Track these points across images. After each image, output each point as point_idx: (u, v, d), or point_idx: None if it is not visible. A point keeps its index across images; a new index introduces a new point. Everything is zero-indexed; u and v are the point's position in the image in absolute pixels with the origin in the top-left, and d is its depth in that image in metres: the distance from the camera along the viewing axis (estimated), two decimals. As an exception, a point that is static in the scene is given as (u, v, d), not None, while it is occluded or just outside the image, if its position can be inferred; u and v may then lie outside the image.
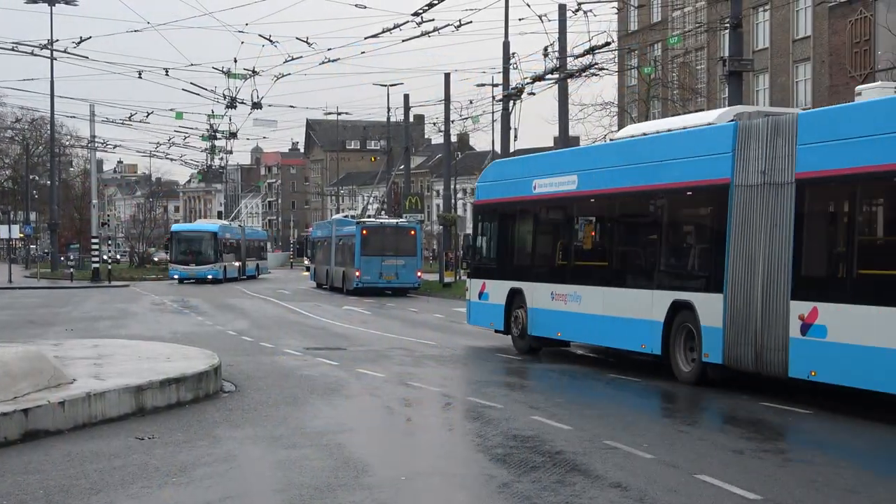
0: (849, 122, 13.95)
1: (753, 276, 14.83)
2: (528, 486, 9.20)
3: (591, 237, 19.87)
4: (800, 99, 50.87)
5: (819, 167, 14.00)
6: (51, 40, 39.47)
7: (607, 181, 18.66)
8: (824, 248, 14.32)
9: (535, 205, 21.07)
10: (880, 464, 10.48)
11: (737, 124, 15.65)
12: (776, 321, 14.32)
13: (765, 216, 14.74)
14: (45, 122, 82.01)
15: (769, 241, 14.62)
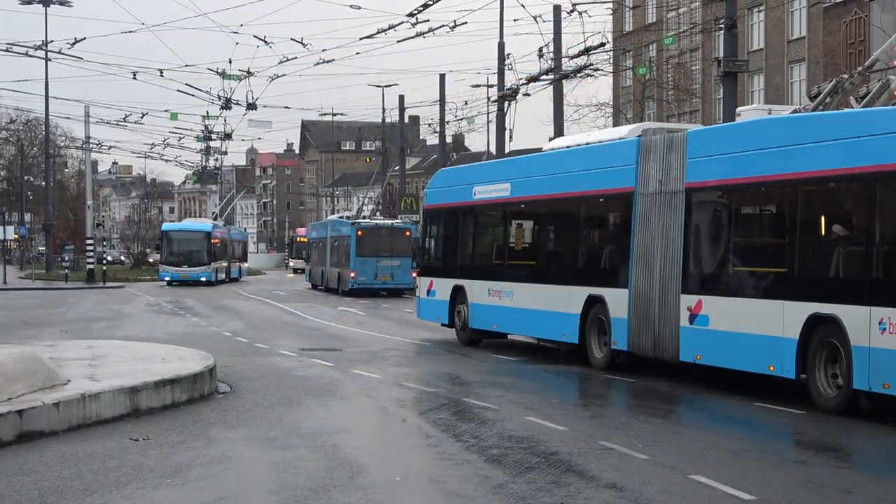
0: (726, 139, 16.27)
1: (652, 273, 16.82)
2: (524, 486, 9.19)
3: (522, 239, 21.97)
4: (794, 99, 50.89)
5: (703, 178, 16.03)
6: (45, 41, 39.48)
7: (536, 189, 20.68)
8: (707, 248, 16.31)
9: (474, 209, 23.12)
10: (874, 464, 10.49)
11: (639, 140, 17.66)
12: (669, 312, 16.30)
13: (661, 221, 16.76)
14: (39, 123, 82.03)
15: (664, 243, 16.62)
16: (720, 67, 26.47)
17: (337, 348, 22.01)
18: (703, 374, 16.31)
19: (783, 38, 51.41)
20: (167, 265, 59.33)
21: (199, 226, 63.98)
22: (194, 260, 59.06)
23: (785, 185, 14.66)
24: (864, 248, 13.26)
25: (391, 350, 21.94)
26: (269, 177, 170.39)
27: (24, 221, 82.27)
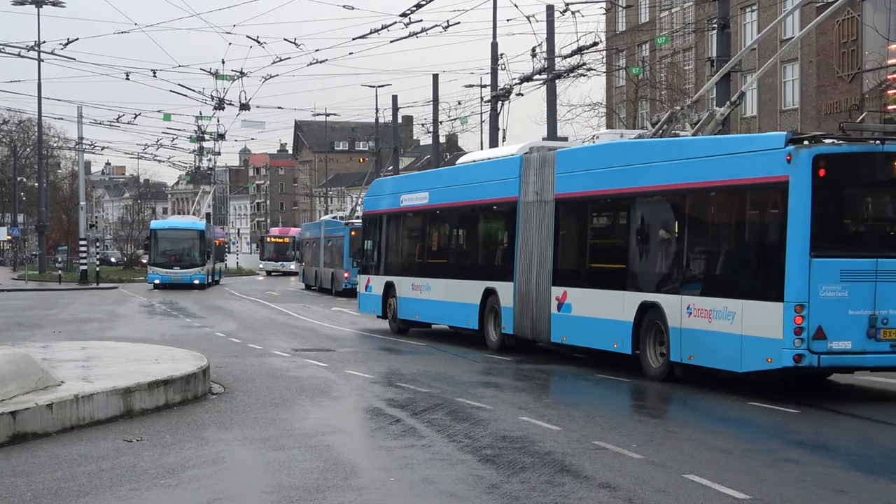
0: (584, 158, 19.39)
1: (531, 269, 20.10)
2: (517, 486, 9.20)
3: (437, 240, 25.06)
4: (787, 99, 50.98)
5: (567, 190, 19.24)
6: (38, 42, 39.41)
7: (447, 197, 24.07)
8: (571, 248, 19.65)
9: (401, 215, 26.55)
10: (868, 463, 10.50)
11: (522, 157, 20.87)
12: (543, 302, 19.61)
13: (537, 225, 20.00)
14: (32, 124, 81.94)
15: (540, 244, 19.89)
16: (713, 67, 26.52)
17: (330, 349, 22.01)
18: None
19: (776, 38, 51.45)
20: (156, 266, 54.74)
21: (191, 223, 58.17)
22: (186, 261, 54.77)
23: (625, 197, 17.90)
24: (677, 249, 16.61)
25: (385, 350, 21.97)
26: (263, 177, 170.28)
27: (17, 222, 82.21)
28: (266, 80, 39.05)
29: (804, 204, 13.99)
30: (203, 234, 55.86)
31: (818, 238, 14.02)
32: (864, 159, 14.62)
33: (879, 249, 14.39)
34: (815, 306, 13.92)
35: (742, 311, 14.81)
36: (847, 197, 14.87)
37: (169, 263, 54.73)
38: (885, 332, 14.12)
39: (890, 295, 14.15)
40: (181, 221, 60.53)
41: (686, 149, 16.82)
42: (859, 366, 14.67)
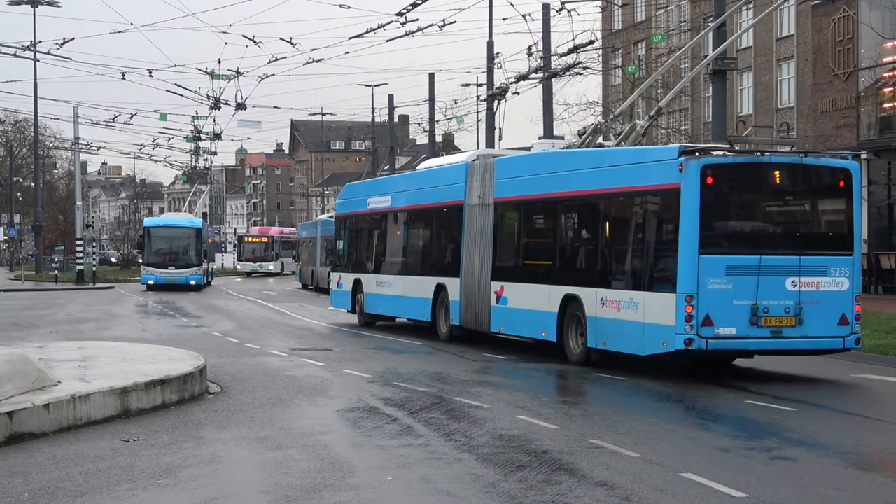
0: (519, 166, 21.47)
1: (474, 266, 22.12)
2: (515, 485, 9.20)
3: (397, 240, 27.07)
4: (783, 97, 51.00)
5: (504, 194, 21.29)
6: (34, 42, 39.46)
7: (405, 200, 26.28)
8: (507, 247, 21.52)
9: (367, 217, 28.61)
10: (865, 461, 10.51)
11: (468, 164, 22.89)
12: (484, 295, 21.59)
13: (480, 226, 21.93)
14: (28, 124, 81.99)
15: (481, 243, 21.85)
16: (709, 66, 26.51)
17: (327, 348, 22.02)
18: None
19: (772, 36, 51.48)
20: (150, 266, 52.21)
21: (187, 221, 55.92)
22: (182, 260, 52.22)
23: (551, 201, 19.98)
24: (593, 248, 18.80)
25: (381, 350, 21.97)
26: (259, 177, 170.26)
27: (13, 223, 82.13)
28: (262, 80, 39.11)
29: (693, 207, 15.88)
30: (200, 232, 53.58)
31: (706, 237, 15.91)
32: (747, 169, 16.54)
33: (762, 247, 16.22)
34: (703, 297, 15.82)
35: (644, 301, 16.79)
36: (732, 201, 16.85)
37: (163, 263, 52.03)
38: (766, 319, 16.00)
39: (770, 287, 15.99)
40: (176, 219, 57.29)
41: (600, 158, 18.97)
42: (743, 349, 16.66)
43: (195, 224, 54.70)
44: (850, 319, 16.48)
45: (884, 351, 19.85)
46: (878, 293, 38.28)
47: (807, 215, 17.47)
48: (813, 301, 16.25)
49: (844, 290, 16.48)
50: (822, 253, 16.58)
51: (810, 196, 17.24)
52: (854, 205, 17.07)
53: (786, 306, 16.14)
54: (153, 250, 52.62)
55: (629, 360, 17.45)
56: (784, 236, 16.84)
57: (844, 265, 16.55)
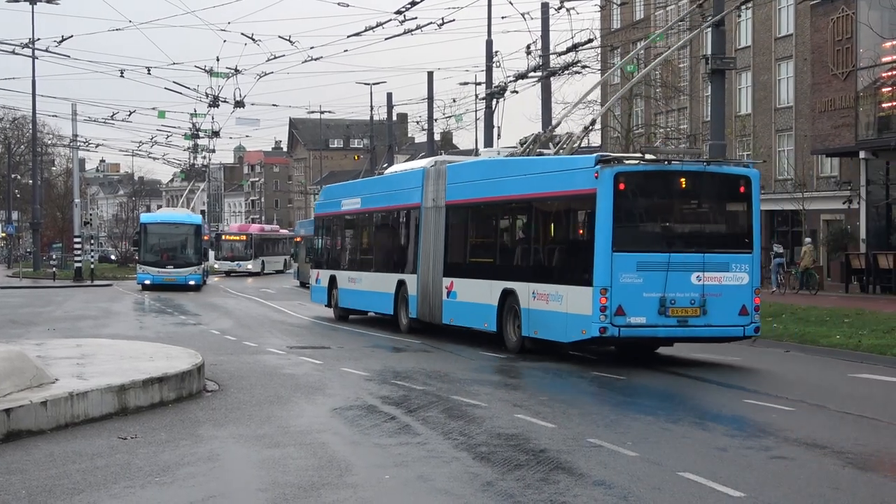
0: (467, 172, 23.40)
1: (429, 263, 23.95)
2: (512, 484, 9.20)
3: (365, 239, 29.37)
4: (782, 97, 51.00)
5: (454, 198, 23.16)
6: (32, 39, 39.42)
7: (373, 202, 28.35)
8: (456, 246, 23.41)
9: (341, 217, 30.94)
10: (863, 460, 10.51)
11: (424, 169, 24.69)
12: (436, 290, 23.49)
13: (434, 227, 23.80)
14: (26, 121, 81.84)
15: (435, 242, 23.72)
16: (708, 65, 26.51)
17: (325, 346, 22.02)
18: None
19: (770, 36, 51.47)
20: (146, 265, 49.54)
21: (185, 217, 53.52)
22: (180, 259, 49.79)
23: (491, 204, 22.09)
24: (526, 246, 20.78)
25: (379, 348, 21.97)
26: (258, 174, 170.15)
27: (11, 220, 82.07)
28: (261, 78, 39.11)
29: (607, 210, 17.79)
30: (199, 229, 51.52)
31: (618, 237, 17.82)
32: (656, 176, 18.48)
33: (669, 246, 18.20)
34: (616, 290, 17.76)
35: (567, 294, 18.70)
36: (642, 205, 18.59)
37: (160, 262, 49.47)
38: (674, 310, 17.92)
39: (678, 281, 17.90)
40: (174, 215, 54.50)
41: (533, 166, 20.88)
42: (652, 336, 18.52)
43: (194, 220, 52.37)
44: (749, 310, 18.42)
45: (882, 351, 19.86)
46: (876, 293, 38.32)
47: (710, 217, 19.52)
48: (716, 294, 18.15)
49: (744, 285, 18.41)
50: (724, 251, 18.49)
51: (714, 200, 19.27)
52: (753, 208, 18.84)
53: (691, 298, 18.05)
54: (150, 248, 49.96)
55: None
56: (690, 236, 18.82)
57: (744, 262, 18.46)
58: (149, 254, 49.86)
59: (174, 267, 49.08)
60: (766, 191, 50.82)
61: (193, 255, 50.03)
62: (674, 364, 19.09)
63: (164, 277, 48.48)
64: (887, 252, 39.43)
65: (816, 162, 47.83)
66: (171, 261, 49.51)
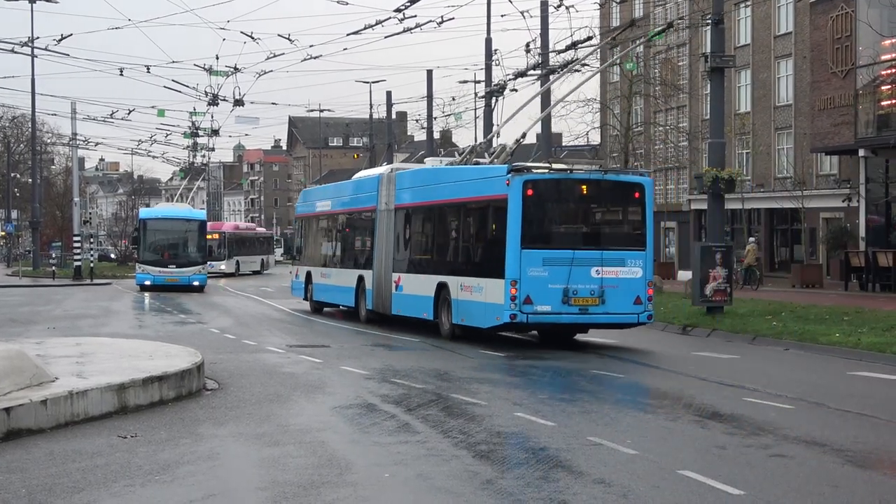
0: (411, 178, 26.18)
1: (382, 260, 26.62)
2: (512, 482, 9.20)
3: (334, 238, 32.11)
4: (781, 95, 51.01)
5: (402, 202, 25.94)
6: (31, 38, 39.37)
7: (340, 205, 31.33)
8: (403, 245, 26.02)
9: (315, 218, 33.81)
10: (862, 458, 10.52)
11: (380, 176, 27.66)
12: (387, 284, 26.15)
13: (386, 228, 26.53)
14: (26, 120, 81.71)
15: (387, 241, 26.44)
16: (707, 63, 26.52)
17: (325, 345, 22.03)
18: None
19: (770, 34, 51.48)
20: (146, 264, 46.21)
21: (188, 212, 50.10)
22: (183, 258, 46.64)
23: (430, 207, 24.79)
24: (456, 244, 23.66)
25: (379, 346, 21.97)
26: (257, 173, 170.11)
27: (10, 218, 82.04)
28: (260, 76, 39.14)
29: (517, 213, 20.42)
30: (203, 224, 48.11)
31: (526, 236, 20.42)
32: (560, 183, 21.20)
33: (572, 244, 20.73)
34: (524, 282, 20.37)
35: (485, 286, 21.34)
36: (548, 208, 21.17)
37: (162, 261, 46.26)
38: (575, 299, 20.48)
39: (579, 275, 20.46)
40: (176, 210, 50.88)
41: (461, 174, 24.02)
42: (556, 322, 20.94)
43: (198, 216, 49.13)
44: (643, 300, 20.98)
45: (881, 349, 19.87)
46: (875, 291, 38.34)
47: (608, 219, 22.25)
48: (613, 286, 20.67)
49: (638, 278, 20.95)
50: (620, 248, 20.99)
51: (611, 204, 22.00)
52: (647, 211, 21.35)
53: (591, 289, 20.57)
54: (150, 246, 46.74)
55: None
56: (590, 235, 21.35)
57: (639, 258, 21.01)
58: (149, 252, 46.58)
59: (176, 266, 45.80)
60: (766, 189, 50.88)
61: (197, 254, 46.87)
62: (673, 364, 19.10)
63: (165, 278, 45.24)
64: (886, 250, 39.46)
65: (816, 160, 47.86)
66: (173, 259, 46.28)
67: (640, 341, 23.12)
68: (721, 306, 26.55)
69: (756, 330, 23.72)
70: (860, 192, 43.41)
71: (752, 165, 52.75)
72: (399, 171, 27.40)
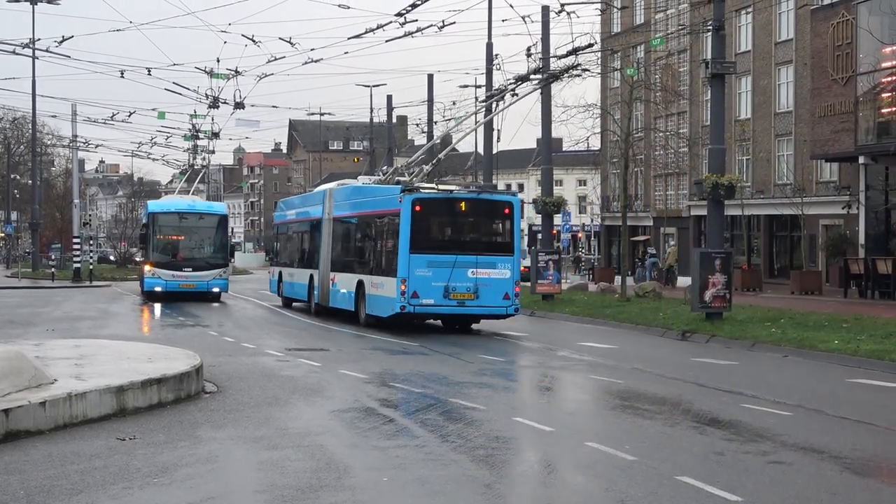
0: (342, 194, 31.14)
1: (325, 261, 31.23)
2: (510, 487, 9.20)
3: (297, 242, 36.59)
4: (782, 101, 51.04)
5: (336, 213, 30.85)
6: (33, 39, 39.40)
7: (301, 214, 35.82)
8: (338, 248, 30.75)
9: (286, 224, 38.75)
10: (860, 465, 10.52)
11: (325, 190, 33.00)
12: (327, 282, 30.88)
13: (327, 234, 31.25)
14: (26, 122, 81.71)
15: (327, 245, 31.18)
16: (708, 69, 26.52)
17: (324, 348, 22.02)
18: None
19: (771, 40, 51.52)
20: (159, 267, 38.84)
21: (207, 206, 43.77)
22: (201, 260, 39.70)
23: (352, 218, 29.83)
24: (370, 249, 28.35)
25: (378, 350, 21.96)
26: (257, 176, 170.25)
27: (10, 220, 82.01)
28: (261, 79, 39.13)
29: (407, 224, 25.17)
30: (225, 220, 41.20)
31: (414, 243, 25.17)
32: (442, 201, 26.12)
33: (453, 250, 25.53)
34: (412, 280, 25.13)
35: (385, 283, 26.10)
36: (432, 221, 26.05)
37: (175, 262, 39.27)
38: (454, 294, 25.29)
39: (458, 275, 25.20)
40: (193, 202, 43.21)
41: (373, 192, 28.60)
42: (439, 313, 26.31)
43: (217, 210, 42.39)
44: (511, 296, 25.68)
45: (880, 356, 19.86)
46: (875, 298, 38.32)
47: (482, 230, 26.79)
48: (486, 284, 25.43)
49: (507, 278, 25.69)
50: (492, 254, 25.76)
51: (484, 218, 26.61)
52: (515, 224, 26.05)
53: (467, 287, 25.31)
54: (162, 245, 39.91)
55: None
56: (467, 243, 26.09)
57: (507, 262, 25.76)
58: (160, 252, 39.59)
59: (193, 269, 39.04)
60: (766, 195, 50.90)
61: (218, 254, 40.15)
62: (672, 369, 19.11)
63: (179, 283, 38.67)
64: (886, 257, 39.45)
65: (816, 167, 47.88)
66: (188, 261, 39.44)
67: (639, 347, 23.11)
68: (720, 312, 26.56)
69: (755, 336, 23.71)
70: (860, 199, 43.42)
71: (752, 172, 52.80)
72: (341, 185, 32.68)
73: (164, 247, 40.04)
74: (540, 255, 37.15)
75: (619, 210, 47.00)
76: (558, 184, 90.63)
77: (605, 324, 29.91)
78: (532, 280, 36.92)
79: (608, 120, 49.27)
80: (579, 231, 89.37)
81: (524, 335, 26.24)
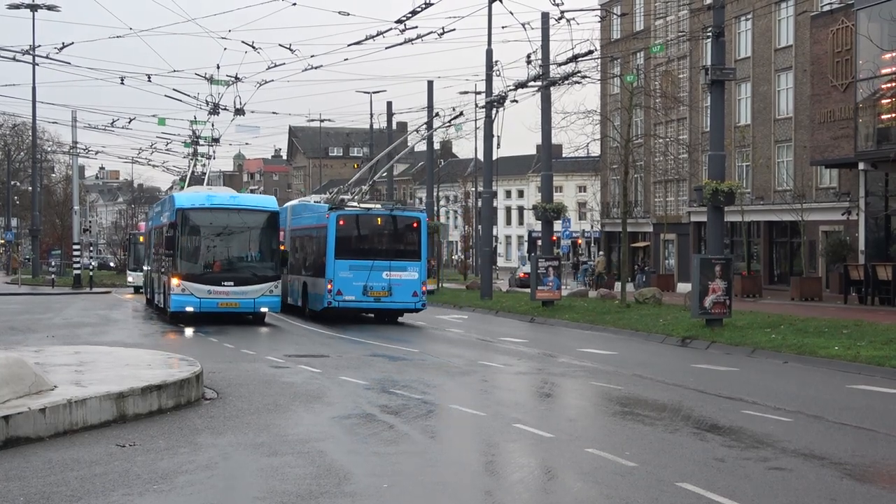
0: (295, 210, 37.56)
1: (289, 266, 35.05)
2: (511, 492, 9.19)
3: None
4: (782, 107, 51.07)
5: (291, 225, 36.68)
6: (33, 46, 39.54)
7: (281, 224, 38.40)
8: (294, 254, 35.84)
9: None
10: (860, 471, 10.52)
11: (286, 207, 38.34)
12: (292, 282, 35.80)
13: (289, 243, 36.09)
14: (26, 128, 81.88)
15: (291, 252, 35.72)
16: (708, 75, 26.54)
17: (324, 354, 22.01)
18: None
19: (770, 47, 51.56)
20: (189, 280, 29.92)
21: (253, 200, 33.84)
22: (246, 270, 30.93)
23: (301, 230, 35.63)
24: (312, 256, 33.63)
25: (378, 357, 21.95)
26: (257, 182, 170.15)
27: (10, 226, 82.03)
28: (261, 86, 39.19)
29: (332, 236, 31.02)
30: (276, 218, 31.68)
31: (338, 250, 30.91)
32: (362, 216, 31.78)
33: (371, 256, 31.19)
34: (337, 281, 30.81)
35: (319, 283, 31.81)
36: (354, 233, 31.61)
37: (213, 275, 30.27)
38: (372, 292, 30.95)
39: (374, 276, 30.81)
40: (235, 195, 33.49)
41: (313, 209, 34.45)
42: (359, 307, 31.73)
43: (266, 204, 32.35)
44: (419, 293, 31.38)
45: (880, 362, 19.87)
46: (875, 304, 38.32)
47: (395, 240, 31.88)
48: (398, 284, 31.02)
49: (415, 279, 31.33)
50: (403, 260, 31.31)
51: (397, 230, 31.91)
52: (422, 235, 31.81)
53: (382, 286, 30.97)
54: (194, 251, 31.06)
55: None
56: (382, 250, 31.51)
57: (415, 266, 31.43)
58: (192, 261, 30.77)
59: (236, 284, 30.29)
60: (765, 201, 50.91)
61: (268, 263, 31.14)
62: (672, 376, 19.11)
63: (218, 302, 30.18)
64: (885, 263, 39.46)
65: (815, 173, 47.90)
66: (229, 273, 30.62)
67: (639, 353, 23.11)
68: (720, 319, 26.57)
69: (755, 342, 23.72)
70: (860, 205, 43.43)
71: (751, 178, 52.82)
72: (299, 203, 39.24)
73: (195, 251, 31.06)
74: (540, 262, 37.06)
75: (619, 216, 47.01)
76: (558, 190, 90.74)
77: (605, 330, 29.93)
78: (532, 286, 37.87)
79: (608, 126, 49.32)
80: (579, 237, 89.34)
81: (524, 341, 26.26)
